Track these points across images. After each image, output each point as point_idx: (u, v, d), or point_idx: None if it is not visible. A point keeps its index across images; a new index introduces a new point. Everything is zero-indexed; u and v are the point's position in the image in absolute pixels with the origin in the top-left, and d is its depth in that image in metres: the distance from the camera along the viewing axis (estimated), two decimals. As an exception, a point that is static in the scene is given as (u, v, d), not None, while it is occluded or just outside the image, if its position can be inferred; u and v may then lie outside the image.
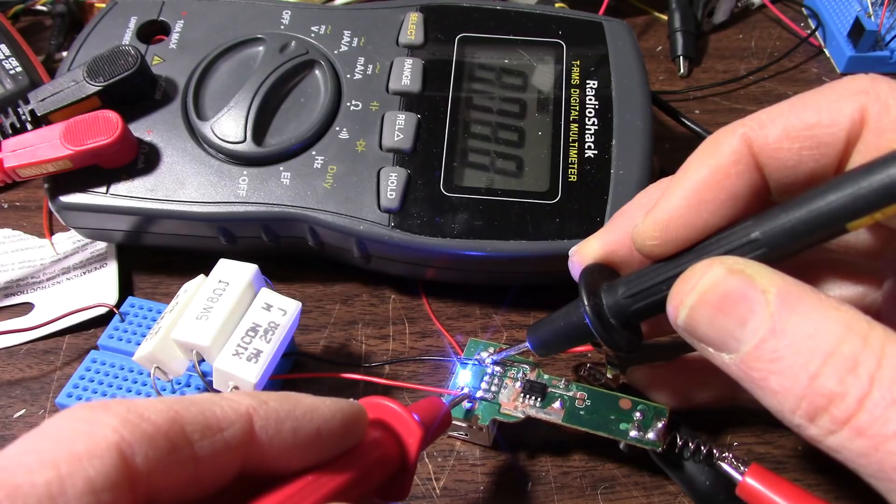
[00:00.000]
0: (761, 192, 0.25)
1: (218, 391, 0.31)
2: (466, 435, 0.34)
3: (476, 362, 0.34)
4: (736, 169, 0.24)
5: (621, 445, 0.31)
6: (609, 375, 0.33)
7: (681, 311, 0.23)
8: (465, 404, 0.33)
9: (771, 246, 0.23)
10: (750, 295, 0.21)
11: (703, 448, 0.30)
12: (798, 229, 0.22)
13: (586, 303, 0.27)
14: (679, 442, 0.31)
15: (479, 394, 0.33)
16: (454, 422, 0.33)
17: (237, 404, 0.19)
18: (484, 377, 0.33)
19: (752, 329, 0.21)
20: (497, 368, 0.34)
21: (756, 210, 0.24)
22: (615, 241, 0.29)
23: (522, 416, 0.32)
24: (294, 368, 0.37)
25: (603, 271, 0.28)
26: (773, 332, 0.21)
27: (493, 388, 0.33)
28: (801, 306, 0.21)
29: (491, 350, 0.35)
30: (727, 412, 0.34)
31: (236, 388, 0.31)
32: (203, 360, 0.31)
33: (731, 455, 0.29)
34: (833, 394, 0.20)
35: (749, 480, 0.28)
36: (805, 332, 0.20)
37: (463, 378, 0.34)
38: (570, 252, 0.30)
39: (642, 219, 0.26)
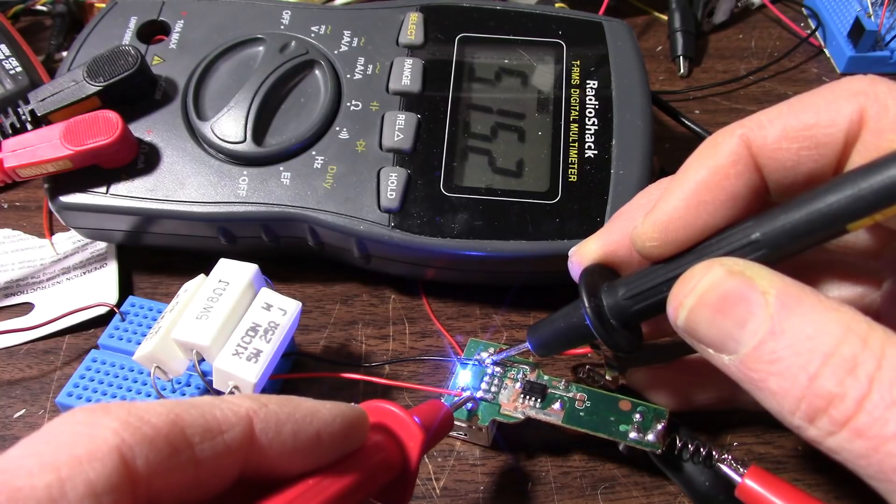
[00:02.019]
0: (760, 192, 0.25)
1: (218, 391, 0.31)
2: (466, 435, 0.34)
3: (476, 362, 0.34)
4: (735, 170, 0.24)
5: (621, 447, 0.31)
6: (608, 377, 0.33)
7: (680, 313, 0.23)
8: (466, 405, 0.33)
9: (771, 247, 0.23)
10: (749, 296, 0.21)
11: (702, 449, 0.30)
12: (798, 230, 0.22)
13: (587, 304, 0.27)
14: (678, 443, 0.31)
15: (478, 394, 0.33)
16: (454, 422, 0.33)
17: (237, 407, 0.19)
18: (484, 377, 0.33)
19: (752, 330, 0.21)
20: (497, 369, 0.34)
21: (755, 211, 0.24)
22: (615, 241, 0.29)
23: (522, 417, 0.32)
24: (294, 368, 0.37)
25: (603, 272, 0.28)
26: (773, 334, 0.21)
27: (493, 389, 0.33)
28: (800, 307, 0.21)
29: (491, 350, 0.35)
30: (727, 413, 0.34)
31: (236, 387, 0.31)
32: (203, 360, 0.31)
33: (730, 457, 0.29)
34: (832, 395, 0.20)
35: (748, 482, 0.28)
36: (804, 333, 0.20)
37: (463, 378, 0.34)
38: (570, 253, 0.30)
39: (642, 220, 0.26)
